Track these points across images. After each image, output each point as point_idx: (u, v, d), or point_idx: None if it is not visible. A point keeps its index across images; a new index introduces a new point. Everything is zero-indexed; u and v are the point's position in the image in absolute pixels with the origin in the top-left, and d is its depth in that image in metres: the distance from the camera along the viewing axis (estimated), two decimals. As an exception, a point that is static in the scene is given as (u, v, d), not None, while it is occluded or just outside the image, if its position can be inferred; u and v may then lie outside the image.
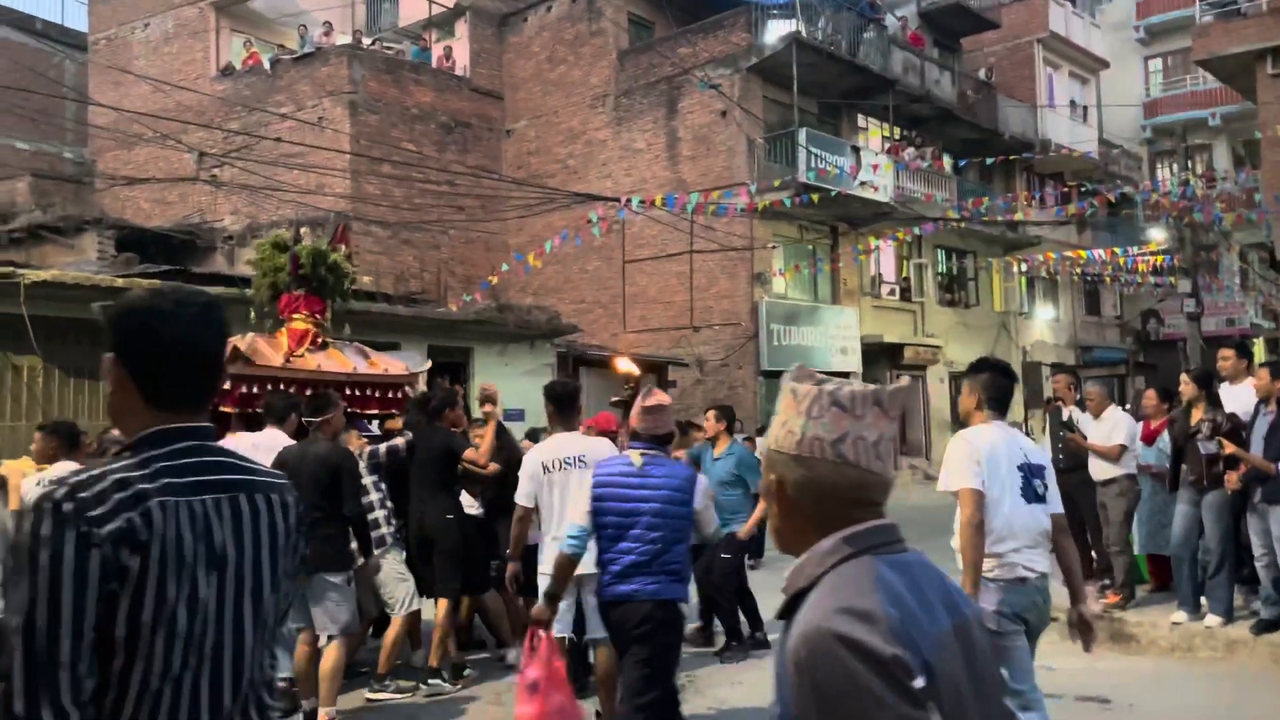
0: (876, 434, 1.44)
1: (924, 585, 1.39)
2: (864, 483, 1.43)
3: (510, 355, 14.81)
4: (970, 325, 24.72)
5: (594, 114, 21.15)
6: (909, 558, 1.43)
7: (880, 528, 1.42)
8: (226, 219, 19.19)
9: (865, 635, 1.26)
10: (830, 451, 1.42)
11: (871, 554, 1.39)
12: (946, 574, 1.48)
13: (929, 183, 22.09)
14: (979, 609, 1.53)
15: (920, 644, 1.28)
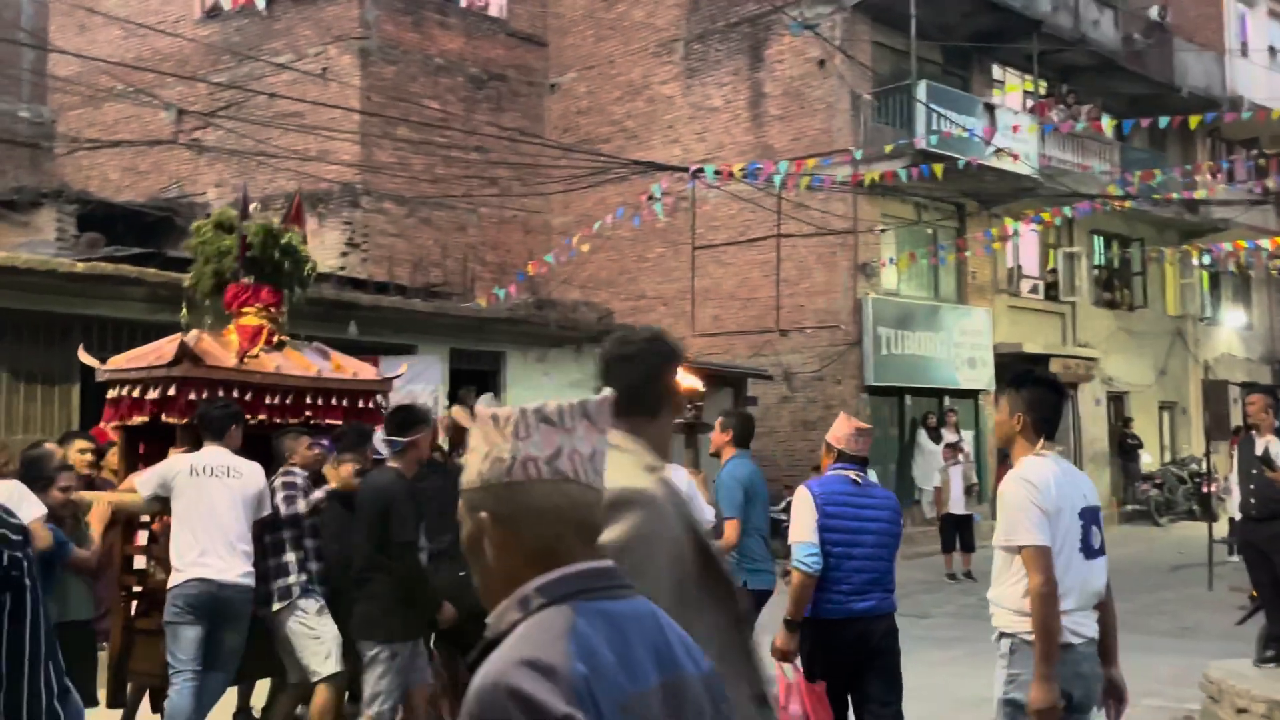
0: (590, 447, 1.58)
1: (631, 638, 1.53)
2: (586, 501, 1.57)
3: (551, 363, 14.90)
4: (1135, 332, 24.26)
5: (659, 64, 21.22)
6: (619, 607, 1.55)
7: (592, 571, 1.55)
8: (210, 192, 19.64)
9: (540, 692, 1.40)
10: (547, 470, 1.55)
11: (577, 599, 1.52)
12: (670, 625, 1.63)
13: (1084, 150, 21.73)
14: (711, 666, 1.66)
15: (603, 705, 1.42)
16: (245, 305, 6.76)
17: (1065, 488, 3.98)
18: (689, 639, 1.65)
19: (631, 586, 1.61)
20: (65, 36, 22.07)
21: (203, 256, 6.98)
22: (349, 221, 18.78)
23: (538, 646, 1.45)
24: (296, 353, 7.00)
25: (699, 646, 1.67)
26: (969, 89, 20.65)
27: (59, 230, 14.77)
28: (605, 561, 1.59)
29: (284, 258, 6.95)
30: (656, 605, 2.08)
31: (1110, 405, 23.78)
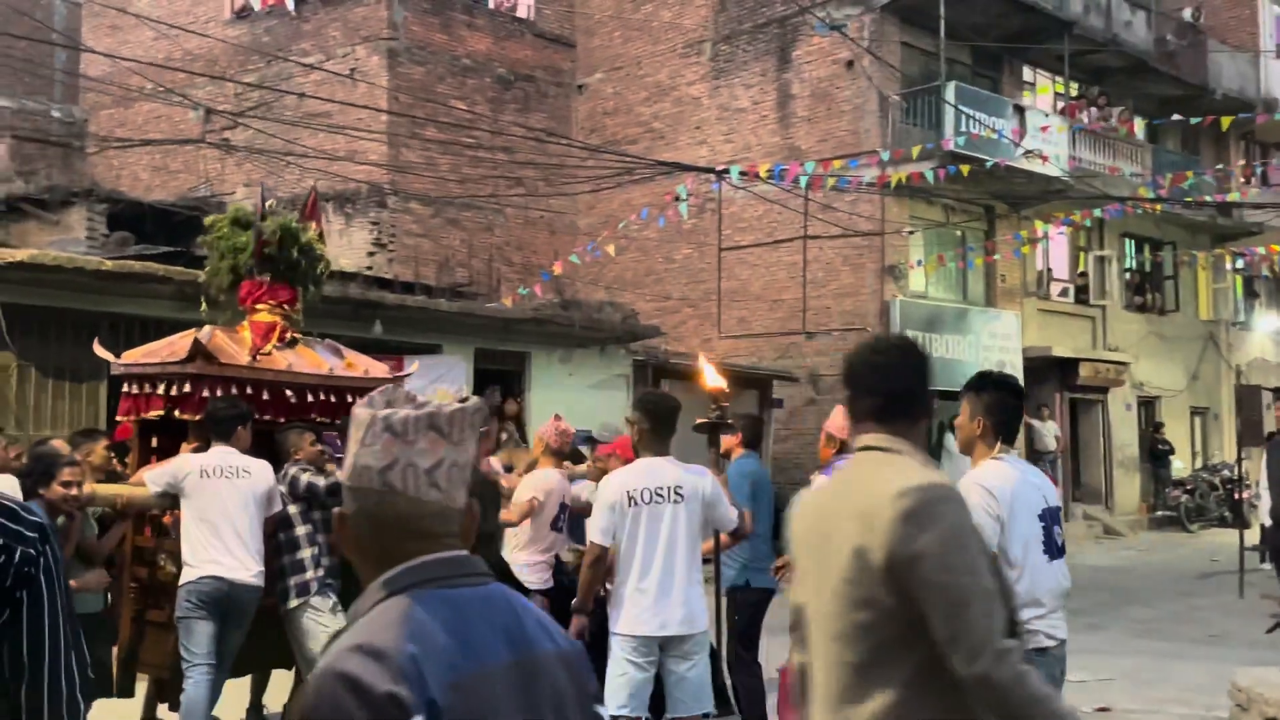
0: (433, 460, 1.65)
1: (476, 621, 1.61)
2: (417, 513, 1.64)
3: (576, 363, 14.90)
4: (1167, 337, 24.04)
5: (687, 65, 21.20)
6: (464, 593, 1.64)
7: (433, 562, 1.64)
8: (239, 191, 19.75)
9: (366, 673, 1.49)
10: (377, 480, 1.64)
11: (418, 589, 1.61)
12: (526, 608, 1.71)
13: (1115, 152, 21.56)
14: (571, 646, 1.74)
15: (431, 683, 1.51)
16: (260, 301, 6.80)
17: (1024, 491, 4.01)
18: (548, 620, 1.73)
19: (483, 574, 1.68)
20: (97, 37, 22.26)
21: (218, 252, 7.03)
22: (376, 221, 18.85)
23: (371, 633, 1.55)
24: (309, 350, 7.03)
25: None
26: (999, 90, 20.53)
27: (89, 229, 14.88)
28: (454, 552, 1.66)
29: (300, 255, 6.99)
30: (985, 587, 2.31)
31: (1141, 410, 23.57)
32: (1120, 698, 8.12)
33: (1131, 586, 14.54)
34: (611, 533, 5.05)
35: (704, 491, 5.13)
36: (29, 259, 9.34)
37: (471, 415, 1.72)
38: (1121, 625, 11.69)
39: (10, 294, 9.25)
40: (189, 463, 6.10)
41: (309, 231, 7.13)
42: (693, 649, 5.04)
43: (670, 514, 4.98)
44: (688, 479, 5.10)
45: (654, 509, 5.01)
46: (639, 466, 5.18)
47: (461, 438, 1.69)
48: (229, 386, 6.43)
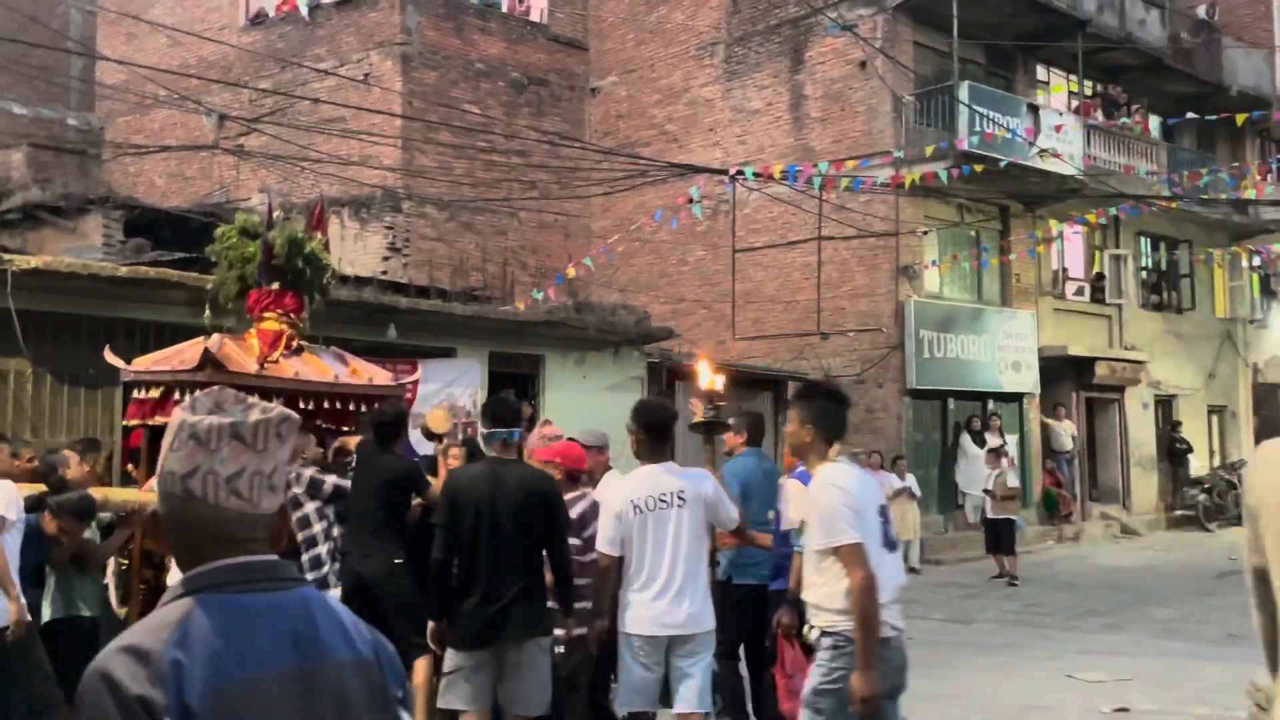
0: (235, 468, 1.70)
1: (258, 627, 1.65)
2: (216, 519, 1.70)
3: (590, 366, 14.88)
4: (1183, 335, 23.90)
5: (700, 67, 21.18)
6: (254, 599, 1.68)
7: (228, 566, 1.69)
8: (254, 197, 19.82)
9: (124, 674, 1.55)
10: (179, 486, 1.70)
11: (206, 593, 1.66)
12: (328, 613, 1.75)
13: (1130, 150, 21.44)
14: (375, 654, 1.78)
15: (190, 688, 1.55)
16: (267, 310, 6.98)
17: (865, 489, 4.32)
18: (354, 627, 1.78)
19: (287, 580, 1.74)
20: (113, 45, 22.37)
21: (226, 261, 7.22)
22: (390, 226, 18.88)
23: (144, 634, 1.62)
24: (315, 358, 7.18)
25: None
26: (1013, 90, 20.44)
27: (105, 235, 14.94)
28: (253, 557, 1.71)
29: (305, 265, 7.12)
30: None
31: (1158, 409, 23.43)
32: (1139, 698, 8.05)
33: (1150, 586, 14.44)
34: (619, 542, 5.18)
35: (705, 494, 5.28)
36: (44, 265, 9.36)
37: (277, 425, 1.75)
38: (1140, 625, 11.60)
39: (26, 300, 9.27)
40: None
41: (315, 241, 7.24)
42: (698, 647, 5.18)
43: (675, 518, 5.13)
44: (689, 483, 5.24)
45: (659, 515, 5.15)
46: (641, 475, 5.30)
47: (266, 446, 1.73)
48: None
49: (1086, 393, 21.58)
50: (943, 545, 17.37)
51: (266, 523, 1.75)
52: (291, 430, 1.79)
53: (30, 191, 15.63)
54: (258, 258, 6.97)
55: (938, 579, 15.48)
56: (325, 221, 7.83)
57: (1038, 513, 20.13)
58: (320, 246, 7.31)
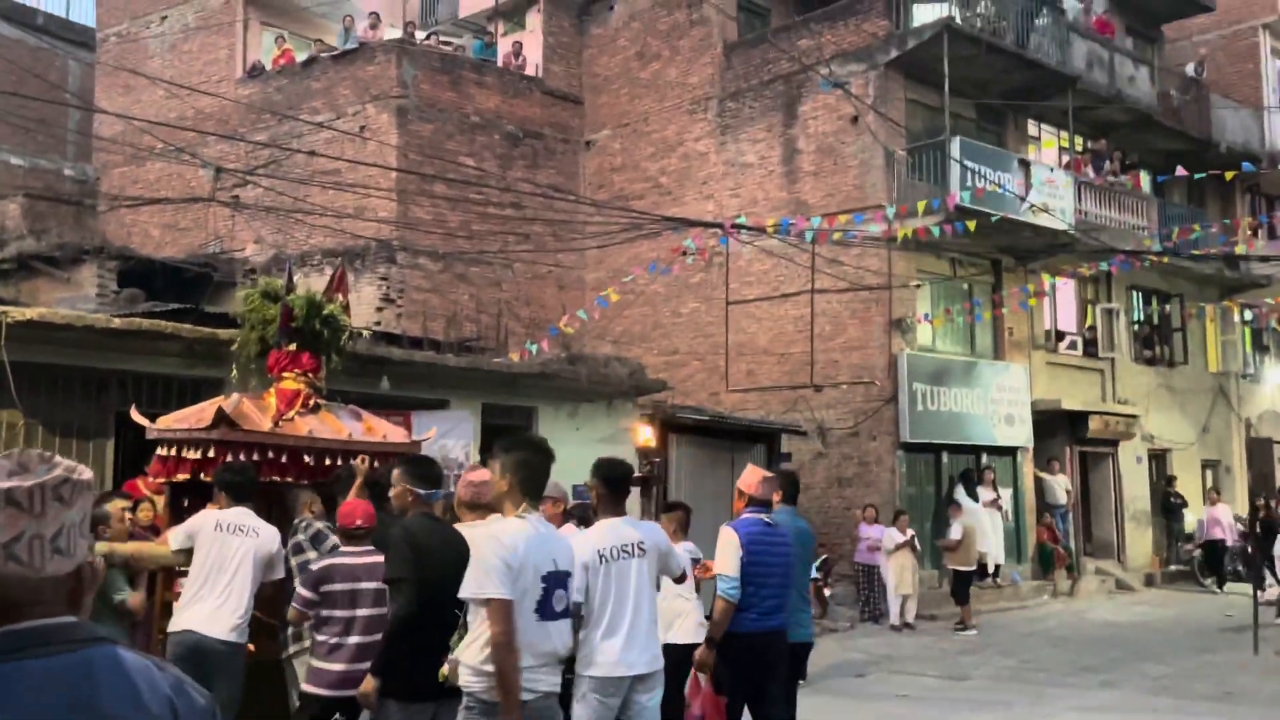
0: (12, 533, 1.71)
1: (25, 695, 1.66)
2: (28, 582, 1.72)
3: (583, 417, 14.89)
4: (1176, 389, 23.99)
5: (693, 121, 21.40)
6: (24, 666, 1.68)
7: (12, 634, 1.70)
8: (249, 248, 19.91)
9: None
10: (2, 554, 1.71)
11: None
12: (123, 673, 1.75)
13: (1121, 205, 21.66)
14: (159, 712, 1.75)
15: None
16: (286, 370, 7.35)
17: (534, 548, 4.46)
18: (150, 685, 1.76)
19: (74, 641, 1.74)
20: (110, 97, 22.55)
21: (249, 324, 7.64)
22: (385, 277, 18.96)
23: None
24: (331, 415, 7.47)
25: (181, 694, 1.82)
26: (1004, 145, 20.66)
27: (100, 286, 15.00)
28: (38, 622, 1.72)
29: (323, 327, 7.51)
30: None
31: (1152, 463, 23.45)
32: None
33: (1144, 642, 14.38)
34: (585, 589, 5.50)
35: (660, 545, 5.72)
36: (38, 317, 9.39)
37: (54, 488, 1.76)
38: (1134, 682, 11.55)
39: (19, 352, 9.28)
40: (207, 518, 6.34)
41: (333, 304, 7.63)
42: (654, 683, 5.60)
43: (636, 568, 5.51)
44: (646, 535, 5.67)
45: (621, 565, 5.52)
46: (605, 526, 5.66)
47: (43, 510, 1.74)
48: (251, 452, 6.85)
49: (1080, 446, 21.61)
50: (938, 600, 17.32)
51: (55, 585, 1.76)
52: (76, 491, 1.79)
53: (25, 241, 15.69)
54: (277, 320, 7.34)
55: (932, 634, 15.42)
56: (346, 285, 8.19)
57: (1032, 568, 20.09)
58: (339, 309, 7.66)
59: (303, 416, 7.19)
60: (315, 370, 7.46)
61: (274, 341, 7.42)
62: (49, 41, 23.87)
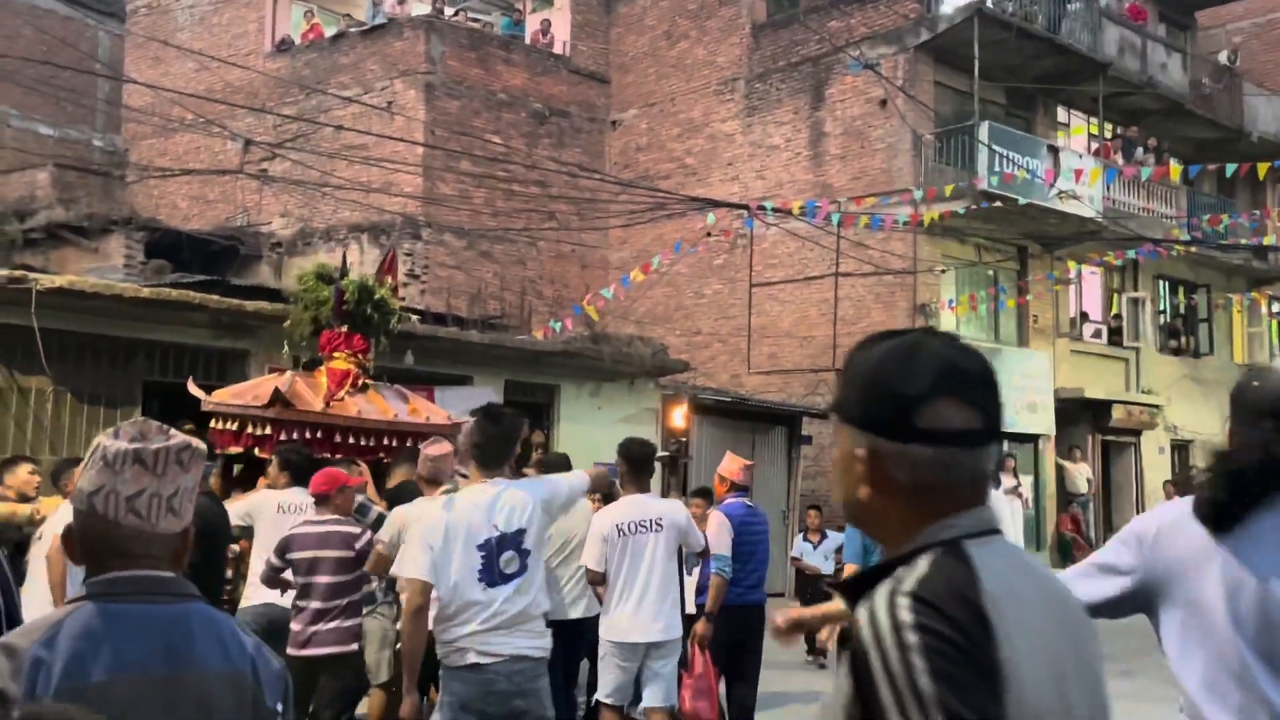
0: (135, 489, 1.87)
1: (130, 634, 1.81)
2: (113, 535, 1.87)
3: (605, 396, 14.92)
4: (1201, 380, 23.80)
5: (720, 102, 21.31)
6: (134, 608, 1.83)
7: (119, 579, 1.85)
8: (275, 221, 19.99)
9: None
10: (85, 503, 1.88)
11: (97, 601, 1.83)
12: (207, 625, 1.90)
13: (1149, 194, 21.47)
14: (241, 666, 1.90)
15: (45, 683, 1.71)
16: (337, 350, 7.70)
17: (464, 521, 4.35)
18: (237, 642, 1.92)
19: (177, 595, 1.89)
20: (140, 69, 22.63)
21: (302, 303, 7.95)
22: (410, 253, 19.00)
23: (22, 633, 1.80)
24: (378, 395, 7.85)
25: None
26: (1033, 131, 20.50)
27: (127, 256, 15.10)
28: (146, 572, 1.88)
29: (374, 310, 7.88)
30: None
31: (1175, 454, 23.32)
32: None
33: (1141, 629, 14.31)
34: (604, 560, 5.93)
35: (679, 522, 6.09)
36: (67, 285, 9.47)
37: (178, 452, 1.92)
38: (1153, 672, 11.50)
39: (48, 319, 9.37)
40: (268, 499, 6.57)
41: (384, 289, 8.02)
42: (668, 651, 6.02)
43: (652, 542, 5.90)
44: (666, 512, 6.08)
45: (638, 539, 5.92)
46: (625, 503, 6.08)
47: (165, 471, 1.90)
48: (304, 430, 7.17)
49: (1103, 436, 21.50)
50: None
51: (165, 542, 1.91)
52: (194, 458, 1.95)
53: (55, 211, 15.80)
54: (331, 301, 7.70)
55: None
56: (396, 268, 8.64)
57: (1051, 558, 20.03)
58: (389, 293, 8.04)
59: (352, 396, 7.54)
60: (365, 351, 7.81)
61: (327, 322, 7.75)
62: (80, 11, 23.96)
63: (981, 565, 1.44)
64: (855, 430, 1.58)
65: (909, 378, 1.55)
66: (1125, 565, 2.63)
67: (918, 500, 1.52)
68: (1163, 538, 2.51)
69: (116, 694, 1.76)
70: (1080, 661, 1.54)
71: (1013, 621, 1.40)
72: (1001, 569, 1.47)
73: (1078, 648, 1.55)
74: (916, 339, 1.61)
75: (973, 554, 1.46)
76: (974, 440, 1.58)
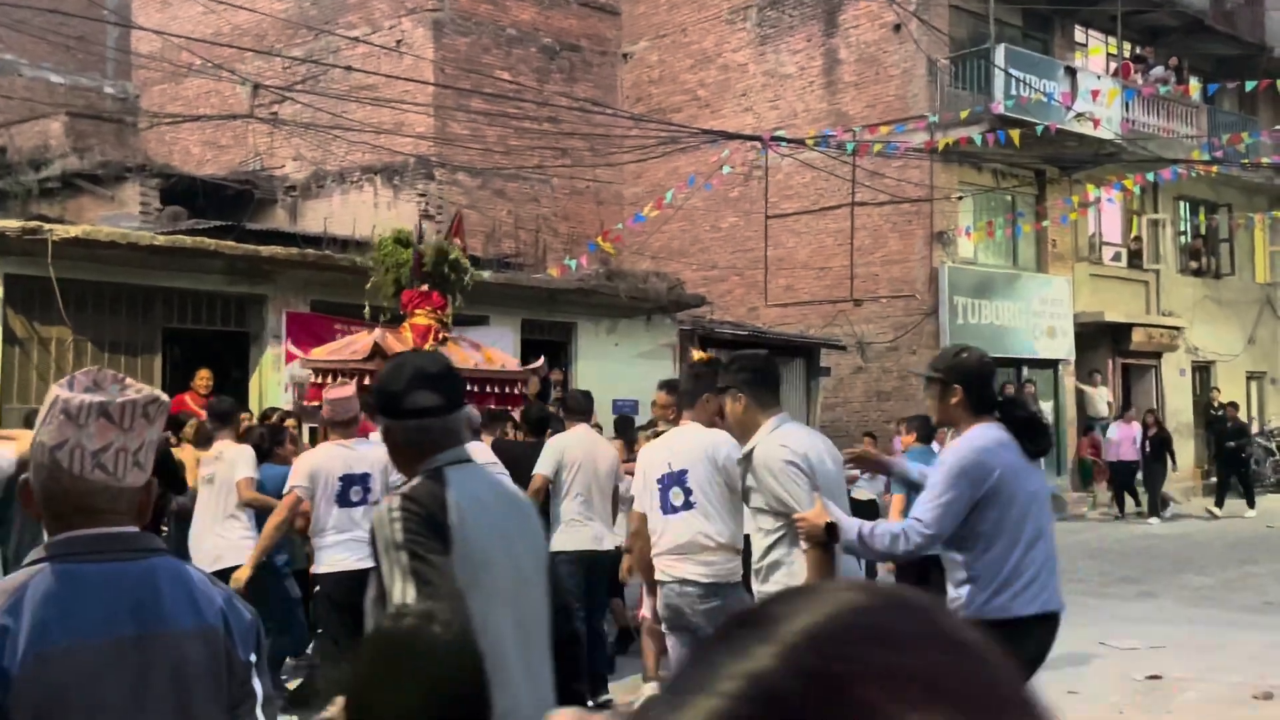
0: (102, 443, 1.82)
1: (96, 596, 1.78)
2: (79, 490, 1.82)
3: (622, 333, 14.90)
4: (1222, 301, 23.62)
5: (732, 31, 21.02)
6: (96, 568, 1.80)
7: (83, 537, 1.82)
8: (288, 165, 19.91)
9: None
10: (48, 457, 1.82)
11: (57, 561, 1.80)
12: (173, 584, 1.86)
13: (1169, 114, 21.13)
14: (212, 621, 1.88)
15: (10, 651, 1.69)
16: (419, 308, 8.29)
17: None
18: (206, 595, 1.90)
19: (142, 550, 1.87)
20: (148, 14, 22.45)
21: (383, 266, 8.67)
22: (423, 194, 18.92)
23: None
24: (456, 346, 8.43)
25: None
26: (1050, 52, 20.16)
27: (143, 204, 15.09)
28: (110, 528, 1.84)
29: (450, 270, 8.61)
30: None
31: (1196, 375, 23.20)
32: (1172, 665, 8.04)
33: (1185, 554, 14.36)
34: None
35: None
36: (84, 235, 9.48)
37: (144, 405, 1.86)
38: (1174, 593, 11.56)
39: (66, 269, 9.39)
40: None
41: (456, 249, 8.72)
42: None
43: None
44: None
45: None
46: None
47: (132, 425, 1.84)
48: None
49: (1123, 359, 21.40)
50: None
51: (130, 496, 1.87)
52: (160, 411, 1.90)
53: (69, 160, 15.78)
54: (410, 263, 8.37)
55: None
56: (464, 230, 9.46)
57: (1071, 480, 20.03)
58: (460, 253, 8.80)
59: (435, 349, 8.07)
60: (443, 308, 8.44)
61: (408, 282, 8.38)
62: (85, -42, 23.69)
63: (450, 478, 2.49)
64: (376, 414, 2.73)
65: (396, 379, 2.59)
66: None
67: (414, 450, 2.57)
68: None
69: (82, 659, 1.74)
70: (523, 530, 2.64)
71: (465, 506, 2.44)
72: (464, 479, 2.53)
73: (520, 524, 2.65)
74: (402, 359, 2.75)
75: (447, 473, 2.50)
76: (440, 412, 2.55)
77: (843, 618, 0.62)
